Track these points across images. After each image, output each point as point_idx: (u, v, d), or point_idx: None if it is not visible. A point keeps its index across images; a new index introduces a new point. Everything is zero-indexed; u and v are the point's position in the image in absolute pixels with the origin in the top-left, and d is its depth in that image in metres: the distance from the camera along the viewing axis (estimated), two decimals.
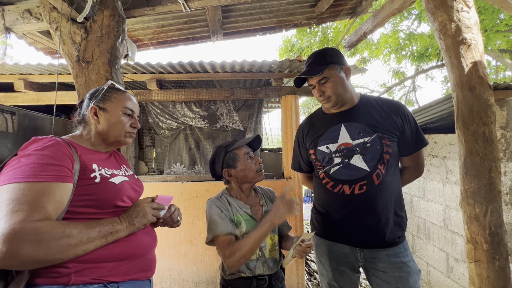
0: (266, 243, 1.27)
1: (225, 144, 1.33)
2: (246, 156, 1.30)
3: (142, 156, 3.31)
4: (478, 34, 1.39)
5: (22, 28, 1.67)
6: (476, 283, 1.37)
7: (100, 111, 0.99)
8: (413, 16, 5.97)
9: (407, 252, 1.26)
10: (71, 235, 0.72)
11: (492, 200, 1.33)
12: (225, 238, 1.15)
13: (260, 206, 1.35)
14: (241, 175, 1.28)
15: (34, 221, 0.67)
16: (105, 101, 1.00)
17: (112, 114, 0.99)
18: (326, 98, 1.28)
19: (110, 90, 1.04)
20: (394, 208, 1.25)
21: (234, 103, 3.11)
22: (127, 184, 0.96)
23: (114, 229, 0.83)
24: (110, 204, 0.87)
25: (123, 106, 1.02)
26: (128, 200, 0.94)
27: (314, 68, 1.26)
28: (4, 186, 0.71)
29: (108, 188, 0.88)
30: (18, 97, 2.90)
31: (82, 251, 0.75)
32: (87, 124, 1.01)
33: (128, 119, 1.03)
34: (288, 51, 6.67)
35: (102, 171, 0.90)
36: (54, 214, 0.74)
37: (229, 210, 1.26)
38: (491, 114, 1.34)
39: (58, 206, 0.75)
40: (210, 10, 2.24)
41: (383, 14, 2.26)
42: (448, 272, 2.42)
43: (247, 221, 1.26)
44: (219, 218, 1.19)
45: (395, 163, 1.29)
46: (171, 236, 2.75)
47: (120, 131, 1.01)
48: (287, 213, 1.12)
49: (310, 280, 3.53)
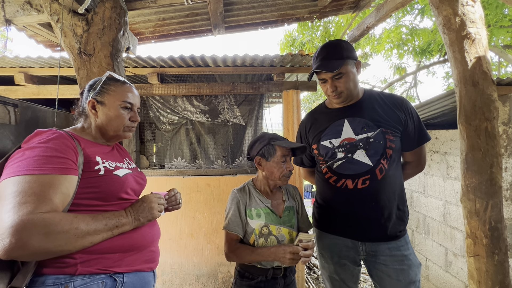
0: (284, 237, 1.29)
1: (272, 135, 1.33)
2: (283, 157, 1.28)
3: (143, 150, 3.31)
4: (482, 28, 1.37)
5: (22, 20, 1.66)
6: (475, 277, 1.38)
7: (98, 104, 0.96)
8: (416, 10, 5.91)
9: (408, 245, 1.28)
10: (78, 227, 0.72)
11: (492, 196, 1.33)
12: (231, 235, 1.27)
13: (282, 201, 1.36)
14: (269, 171, 1.29)
15: (42, 213, 0.68)
16: (103, 94, 0.97)
17: (110, 108, 0.97)
18: (338, 93, 1.25)
19: (108, 82, 1.00)
20: (397, 202, 1.26)
21: (235, 97, 3.10)
22: (131, 177, 0.97)
23: (120, 222, 0.83)
24: (114, 197, 0.88)
25: (122, 99, 0.99)
26: (132, 192, 0.95)
27: (331, 62, 1.20)
28: (10, 178, 0.71)
29: (112, 180, 0.88)
30: (19, 91, 2.89)
31: (89, 243, 0.75)
32: (87, 117, 0.99)
33: (127, 113, 1.01)
34: (289, 45, 6.62)
35: (106, 163, 0.90)
36: (60, 206, 0.74)
37: (248, 204, 1.30)
38: (493, 110, 1.33)
39: (64, 198, 0.75)
40: (212, 3, 2.22)
41: (386, 8, 2.24)
42: (447, 266, 2.44)
43: (267, 214, 1.29)
44: (234, 217, 1.28)
45: (398, 158, 1.29)
46: (172, 229, 2.77)
47: (118, 125, 0.98)
48: (288, 264, 1.16)
49: (309, 274, 3.57)
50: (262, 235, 1.28)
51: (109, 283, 0.80)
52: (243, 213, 1.29)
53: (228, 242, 1.28)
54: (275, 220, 1.29)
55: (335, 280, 1.35)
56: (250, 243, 1.29)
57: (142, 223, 0.90)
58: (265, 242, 1.27)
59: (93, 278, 0.78)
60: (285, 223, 1.31)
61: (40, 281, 0.74)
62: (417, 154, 1.35)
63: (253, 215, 1.29)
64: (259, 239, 1.27)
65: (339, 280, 1.33)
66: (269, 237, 1.28)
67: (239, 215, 1.28)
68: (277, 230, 1.28)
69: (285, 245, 1.20)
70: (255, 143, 1.33)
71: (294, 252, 1.14)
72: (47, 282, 0.74)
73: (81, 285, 0.76)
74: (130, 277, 0.86)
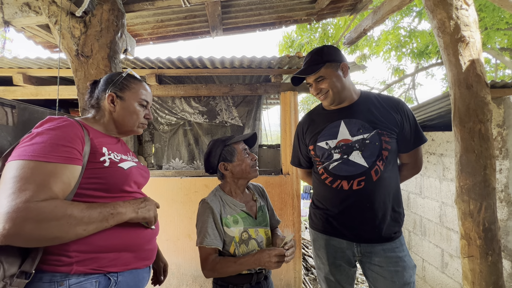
0: (262, 238, 1.28)
1: (223, 138, 1.34)
2: (244, 151, 1.30)
3: (141, 151, 3.32)
4: (476, 32, 1.39)
5: (21, 21, 1.67)
6: (469, 278, 1.40)
7: (117, 99, 0.99)
8: (414, 13, 5.95)
9: (403, 247, 1.28)
10: (72, 215, 0.73)
11: (486, 197, 1.34)
12: (208, 251, 1.18)
13: (254, 202, 1.37)
14: (237, 170, 1.28)
15: (38, 201, 0.69)
16: (123, 90, 1.01)
17: (129, 104, 1.00)
18: (323, 95, 1.30)
19: (128, 79, 1.03)
20: (392, 204, 1.27)
21: (233, 99, 3.11)
22: (135, 170, 0.98)
23: (115, 210, 0.82)
24: (117, 189, 0.89)
25: (140, 97, 1.03)
26: (135, 185, 0.96)
27: (310, 67, 1.28)
28: (15, 162, 0.73)
29: (116, 172, 0.89)
30: (17, 91, 2.89)
31: (82, 230, 0.75)
32: (100, 108, 1.01)
33: (143, 110, 1.05)
34: (288, 47, 6.65)
35: (111, 155, 0.92)
36: (60, 195, 0.76)
37: (223, 212, 1.24)
38: (487, 112, 1.35)
39: (65, 187, 0.77)
40: (210, 5, 2.23)
41: (383, 11, 2.25)
42: (443, 267, 2.45)
43: (244, 219, 1.27)
44: (211, 229, 1.19)
45: (393, 160, 1.30)
46: (170, 230, 2.78)
47: (135, 121, 1.03)
48: (274, 267, 1.11)
49: (307, 275, 3.57)
50: (242, 242, 1.23)
51: (103, 282, 0.81)
52: (219, 223, 1.21)
53: (205, 259, 1.17)
54: (252, 222, 1.28)
55: (330, 281, 1.35)
56: (230, 253, 1.21)
57: (138, 218, 0.89)
58: (246, 248, 1.22)
59: (88, 277, 0.79)
60: (261, 224, 1.31)
61: (38, 277, 0.75)
62: (414, 156, 1.35)
63: (230, 222, 1.23)
64: (240, 247, 1.22)
65: (335, 281, 1.34)
66: (250, 241, 1.25)
67: (215, 227, 1.20)
68: (255, 233, 1.27)
69: (269, 249, 1.14)
70: (210, 153, 1.31)
71: (279, 255, 1.10)
72: (44, 278, 0.75)
73: (76, 284, 0.77)
74: (124, 275, 0.86)
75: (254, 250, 1.24)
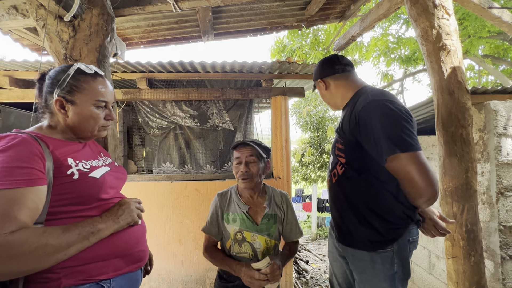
0: (260, 245, 1.29)
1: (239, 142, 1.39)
2: (236, 159, 1.34)
3: (131, 155, 3.28)
4: (457, 40, 1.45)
5: (7, 24, 1.64)
6: (453, 278, 1.44)
7: (67, 104, 0.85)
8: (402, 20, 6.12)
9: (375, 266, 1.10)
10: (47, 244, 0.67)
11: (468, 199, 1.39)
12: (207, 236, 1.37)
13: (263, 208, 1.34)
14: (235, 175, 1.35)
15: (6, 234, 0.63)
16: (72, 92, 0.86)
17: (82, 108, 0.87)
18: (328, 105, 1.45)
19: (78, 77, 0.87)
20: (362, 211, 1.15)
21: (224, 103, 3.12)
22: (109, 176, 0.91)
23: (95, 228, 0.78)
24: (93, 199, 0.83)
25: (95, 98, 0.89)
26: (112, 191, 0.91)
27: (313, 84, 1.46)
28: None
29: (88, 184, 0.82)
30: (3, 94, 2.82)
31: (63, 255, 0.71)
32: (53, 113, 0.88)
33: (102, 111, 0.92)
34: (280, 51, 6.72)
35: (79, 165, 0.84)
36: (29, 222, 0.68)
37: (226, 208, 1.34)
38: (468, 117, 1.40)
39: (32, 212, 0.69)
40: (201, 11, 2.25)
41: (370, 18, 2.32)
42: (430, 269, 2.50)
43: (242, 220, 1.29)
44: (211, 220, 1.36)
45: (362, 168, 1.13)
46: (160, 235, 2.75)
47: (93, 126, 0.90)
48: (249, 285, 1.19)
49: (298, 279, 3.58)
50: (236, 241, 1.29)
51: None
52: (220, 217, 1.34)
53: (205, 241, 1.37)
54: (251, 226, 1.29)
55: (330, 271, 1.44)
56: (227, 247, 1.32)
57: (122, 226, 0.86)
58: (239, 248, 1.28)
59: None
60: (262, 231, 1.30)
61: None
62: (394, 172, 1.02)
63: (229, 219, 1.32)
64: (234, 245, 1.29)
65: (332, 272, 1.42)
66: (243, 243, 1.28)
67: (216, 219, 1.34)
68: (252, 237, 1.28)
69: (247, 267, 1.20)
70: None
71: (251, 277, 1.17)
72: None
73: None
74: (117, 281, 0.84)
75: (246, 253, 1.29)
